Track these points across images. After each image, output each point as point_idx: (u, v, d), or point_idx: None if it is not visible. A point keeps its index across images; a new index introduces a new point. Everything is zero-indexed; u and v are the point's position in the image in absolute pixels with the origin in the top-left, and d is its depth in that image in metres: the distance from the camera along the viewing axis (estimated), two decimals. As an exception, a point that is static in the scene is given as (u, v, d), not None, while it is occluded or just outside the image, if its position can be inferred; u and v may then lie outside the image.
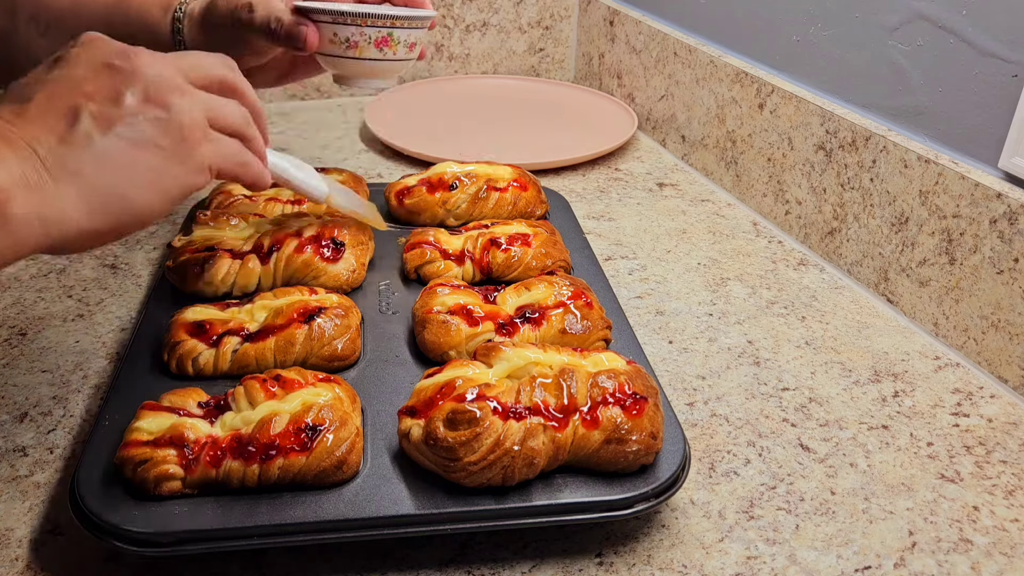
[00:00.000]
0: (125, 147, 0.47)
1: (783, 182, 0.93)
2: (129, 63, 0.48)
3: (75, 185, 0.45)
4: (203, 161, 0.51)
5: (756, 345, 0.73)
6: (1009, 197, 0.66)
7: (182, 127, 0.49)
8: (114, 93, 0.47)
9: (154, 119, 0.48)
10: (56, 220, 0.45)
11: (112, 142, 0.47)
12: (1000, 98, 0.69)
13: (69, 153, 0.45)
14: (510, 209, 0.81)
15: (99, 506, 0.48)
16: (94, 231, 0.47)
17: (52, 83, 0.47)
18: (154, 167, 0.48)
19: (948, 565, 0.52)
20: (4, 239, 0.43)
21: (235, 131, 0.54)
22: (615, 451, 0.51)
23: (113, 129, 0.47)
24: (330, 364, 0.61)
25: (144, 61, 0.49)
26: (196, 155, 0.50)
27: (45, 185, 0.44)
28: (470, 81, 1.35)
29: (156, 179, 0.48)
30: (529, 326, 0.62)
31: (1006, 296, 0.68)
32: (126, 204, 0.47)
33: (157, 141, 0.48)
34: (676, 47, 1.11)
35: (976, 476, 0.59)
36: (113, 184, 0.47)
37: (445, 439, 0.49)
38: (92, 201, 0.46)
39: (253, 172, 0.55)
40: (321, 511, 0.49)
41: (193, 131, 0.50)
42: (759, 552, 0.53)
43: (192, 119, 0.50)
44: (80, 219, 0.46)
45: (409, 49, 0.75)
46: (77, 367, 0.68)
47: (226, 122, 0.53)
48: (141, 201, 0.48)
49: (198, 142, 0.50)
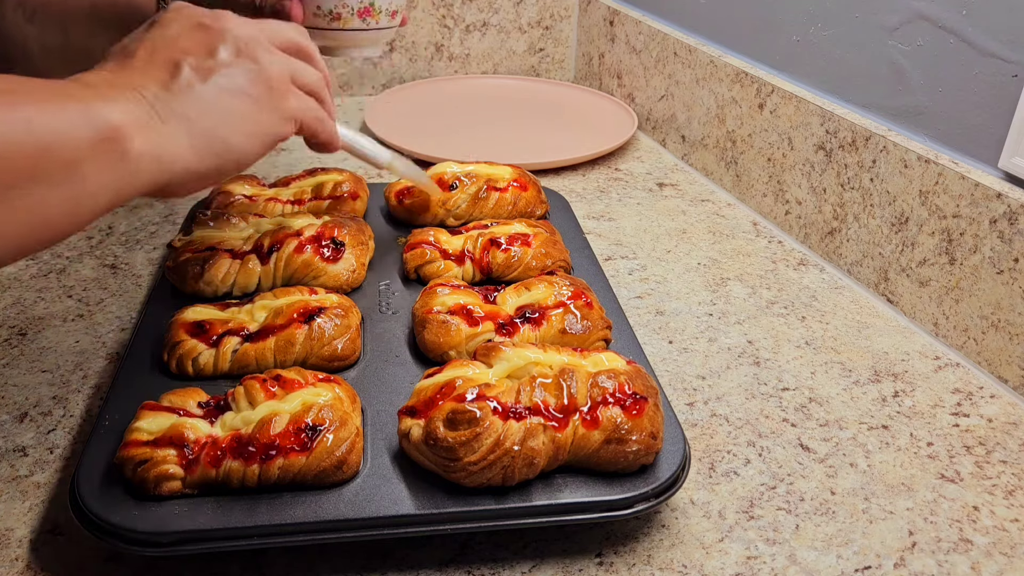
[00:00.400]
0: (223, 95, 0.51)
1: (783, 182, 0.93)
2: (219, 23, 0.52)
3: (183, 127, 0.48)
4: (289, 112, 0.54)
5: (756, 345, 0.73)
6: (1009, 197, 0.66)
7: (270, 79, 0.53)
8: (209, 48, 0.51)
9: (246, 70, 0.52)
10: (169, 159, 0.48)
11: (211, 90, 0.50)
12: (1000, 98, 0.69)
13: (174, 99, 0.48)
14: (510, 209, 0.81)
15: (99, 506, 0.48)
16: (200, 172, 0.50)
17: (151, 41, 0.51)
18: (248, 114, 0.52)
19: (948, 565, 0.52)
20: (124, 175, 0.46)
21: (312, 90, 0.57)
22: (615, 451, 0.51)
23: (211, 78, 0.50)
24: (330, 364, 0.61)
25: (232, 22, 0.53)
26: (283, 105, 0.54)
27: (157, 126, 0.47)
28: (470, 81, 1.35)
29: (251, 125, 0.52)
30: (529, 326, 0.62)
31: (1006, 296, 0.68)
32: (227, 146, 0.51)
33: (250, 90, 0.52)
34: (676, 47, 1.11)
35: (976, 476, 0.59)
36: (215, 128, 0.50)
37: (445, 439, 0.49)
38: (198, 143, 0.49)
39: (328, 129, 0.59)
40: (321, 511, 0.49)
41: (280, 83, 0.54)
42: (759, 552, 0.53)
43: (279, 72, 0.54)
44: (189, 159, 0.49)
45: (391, 17, 0.77)
46: (77, 367, 0.68)
47: (305, 80, 0.56)
48: (239, 144, 0.51)
49: (284, 94, 0.54)
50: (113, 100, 0.46)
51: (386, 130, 1.11)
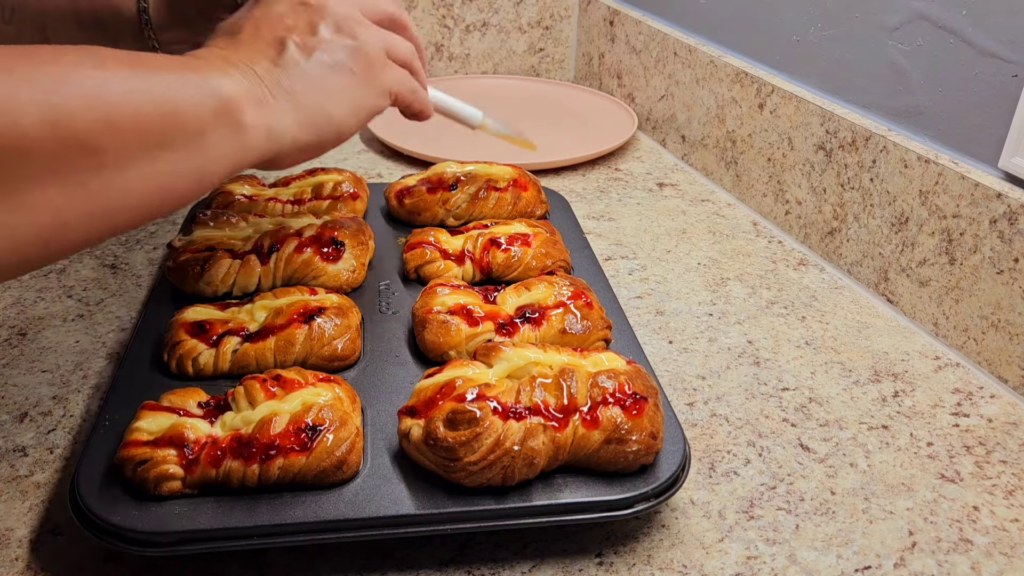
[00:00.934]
0: (325, 71, 0.53)
1: (783, 182, 0.93)
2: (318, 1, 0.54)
3: (290, 102, 0.50)
4: (386, 85, 0.57)
5: (756, 345, 0.73)
6: (1009, 197, 0.66)
7: (368, 55, 0.55)
8: (310, 25, 0.53)
9: (345, 47, 0.54)
10: (278, 132, 0.50)
11: (315, 66, 0.52)
12: (1000, 98, 0.69)
13: (283, 74, 0.51)
14: (510, 209, 0.81)
15: (99, 506, 0.48)
16: (305, 144, 0.52)
17: (256, 19, 0.53)
18: (349, 89, 0.54)
19: (948, 565, 0.52)
20: (237, 146, 0.48)
21: (405, 62, 0.59)
22: (615, 451, 0.51)
23: (314, 55, 0.52)
24: (330, 364, 0.61)
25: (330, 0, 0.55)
26: (381, 79, 0.56)
27: (267, 99, 0.49)
28: (470, 81, 1.35)
29: (351, 99, 0.54)
30: (529, 326, 0.62)
31: (1006, 296, 0.68)
32: (330, 120, 0.53)
33: (350, 66, 0.54)
34: (676, 47, 1.11)
35: (976, 476, 0.59)
36: (320, 102, 0.52)
37: (445, 439, 0.49)
38: (303, 117, 0.51)
39: (421, 99, 0.61)
40: (321, 511, 0.49)
41: (377, 58, 0.56)
42: (759, 552, 0.53)
43: (376, 48, 0.56)
44: (295, 132, 0.51)
45: None
46: (77, 367, 0.68)
47: (398, 53, 0.58)
48: (340, 118, 0.53)
49: (381, 68, 0.56)
50: (228, 74, 0.48)
51: (386, 130, 1.11)
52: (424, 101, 0.62)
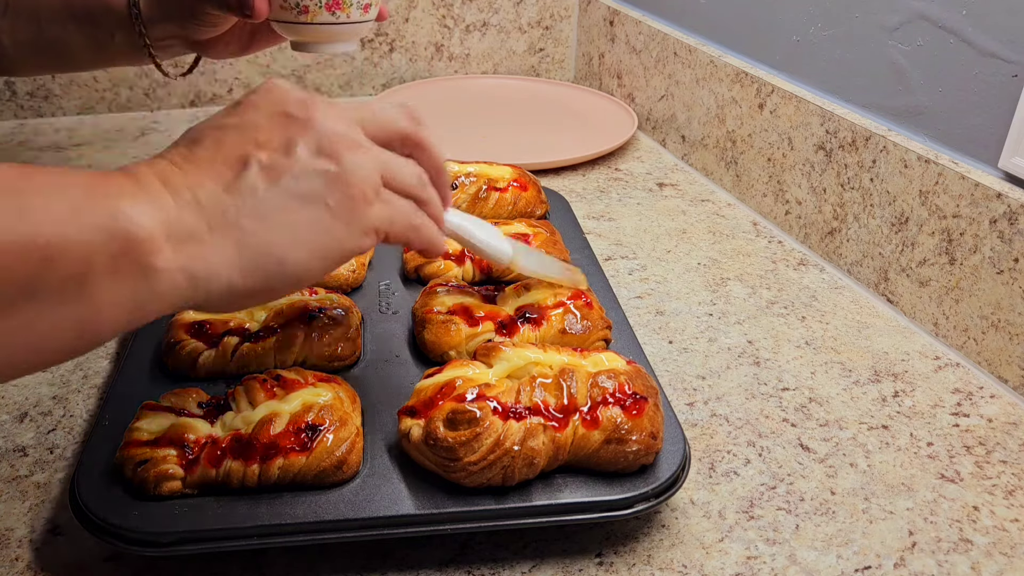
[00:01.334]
0: (290, 202, 0.43)
1: (783, 182, 0.93)
2: (306, 112, 0.45)
3: (232, 238, 0.42)
4: (370, 223, 0.46)
5: (756, 345, 0.73)
6: (1009, 197, 0.66)
7: (351, 185, 0.45)
8: (286, 143, 0.44)
9: (324, 173, 0.44)
10: (205, 276, 0.41)
11: (277, 196, 0.43)
12: (1000, 98, 0.69)
13: (233, 203, 0.42)
14: (510, 209, 0.81)
15: (99, 506, 0.48)
16: (245, 290, 0.43)
17: (223, 128, 0.45)
18: (317, 225, 0.44)
19: (948, 565, 0.52)
20: (145, 292, 0.39)
21: (409, 192, 0.49)
22: (615, 451, 0.51)
23: (280, 181, 0.43)
24: (330, 364, 0.61)
25: (321, 112, 0.46)
26: (364, 216, 0.46)
27: (200, 235, 0.41)
28: (470, 81, 1.35)
29: (317, 238, 0.44)
30: (529, 326, 0.62)
31: (1006, 296, 0.68)
32: (282, 265, 0.44)
33: (325, 198, 0.44)
34: (676, 47, 1.11)
35: (976, 476, 0.59)
36: (271, 241, 0.43)
37: (445, 439, 0.49)
38: (247, 259, 0.42)
39: (425, 237, 0.50)
40: (321, 511, 0.49)
41: (364, 190, 0.45)
42: (759, 552, 0.53)
43: (364, 177, 0.46)
44: (232, 276, 0.42)
45: (364, 11, 0.73)
46: (77, 367, 0.68)
47: (401, 182, 0.49)
48: (297, 262, 0.44)
49: (368, 202, 0.46)
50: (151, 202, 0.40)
51: (386, 130, 1.11)
52: (429, 238, 0.51)
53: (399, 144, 0.50)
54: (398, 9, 1.30)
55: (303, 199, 0.44)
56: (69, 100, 1.20)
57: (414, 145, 0.51)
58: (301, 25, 0.71)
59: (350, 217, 0.45)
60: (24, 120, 1.19)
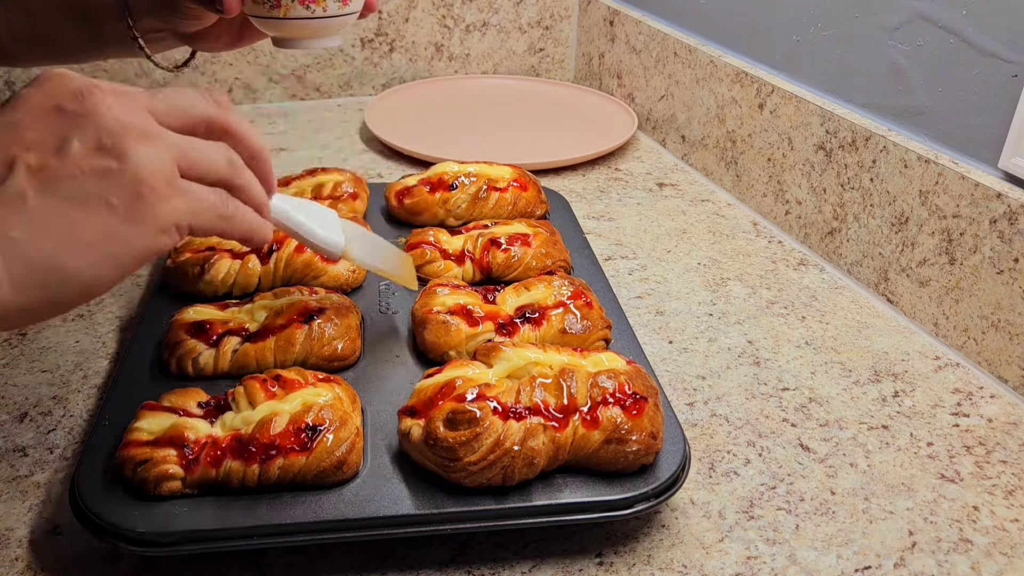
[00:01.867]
0: (65, 207, 0.39)
1: (783, 182, 0.93)
2: (83, 105, 0.40)
3: (1, 253, 0.38)
4: (167, 219, 0.42)
5: (756, 345, 0.73)
6: (1009, 197, 0.66)
7: (139, 180, 0.40)
8: (58, 141, 0.40)
9: (104, 171, 0.40)
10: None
11: (49, 201, 0.39)
12: (1000, 98, 0.69)
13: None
14: (510, 209, 0.81)
15: (99, 506, 0.48)
16: (24, 308, 0.39)
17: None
18: (101, 229, 0.40)
19: (948, 565, 0.52)
20: None
21: (217, 179, 0.45)
22: (615, 451, 0.51)
23: (52, 184, 0.39)
24: (330, 364, 0.61)
25: (101, 102, 0.41)
26: (158, 212, 0.41)
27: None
28: (470, 81, 1.35)
29: (103, 244, 0.40)
30: (529, 326, 0.62)
31: (1006, 296, 0.68)
32: (64, 276, 0.39)
33: (106, 197, 0.40)
34: (676, 47, 1.11)
35: (976, 476, 0.59)
36: (48, 252, 0.39)
37: (445, 439, 0.49)
38: (20, 272, 0.38)
39: (242, 226, 0.46)
40: (321, 511, 0.49)
41: (154, 183, 0.41)
42: (759, 552, 0.53)
43: (153, 169, 0.41)
44: (5, 294, 0.38)
45: (342, 4, 0.70)
46: (77, 367, 0.68)
47: (205, 168, 0.44)
48: (83, 271, 0.40)
49: (162, 197, 0.41)
50: None
51: (386, 130, 1.11)
52: (247, 227, 0.46)
53: (204, 131, 0.46)
54: (398, 9, 1.30)
55: (81, 201, 0.39)
56: (69, 100, 1.20)
57: (222, 131, 0.46)
58: (275, 20, 0.69)
59: (139, 216, 0.41)
60: (24, 120, 1.19)
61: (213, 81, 1.25)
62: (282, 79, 1.28)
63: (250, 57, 1.25)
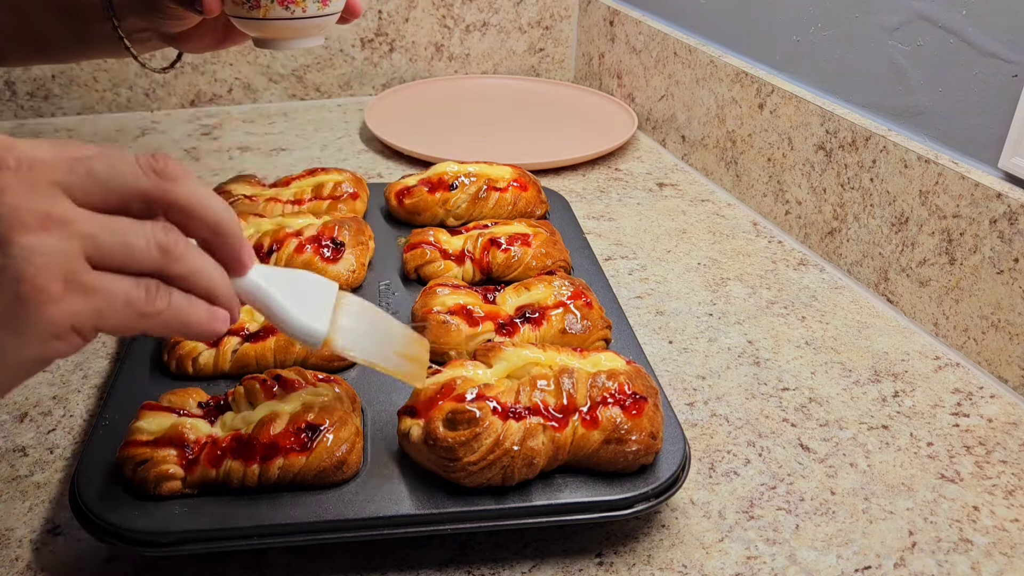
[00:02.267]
0: None
1: (783, 182, 0.93)
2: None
3: None
4: (61, 323, 0.35)
5: (756, 345, 0.73)
6: (1009, 197, 0.66)
7: (19, 280, 0.34)
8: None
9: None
10: None
11: None
12: (1000, 98, 0.69)
13: None
14: (510, 209, 0.81)
15: (99, 506, 0.48)
16: None
17: None
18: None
19: (948, 565, 0.52)
20: None
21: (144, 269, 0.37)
22: (615, 451, 0.51)
23: None
24: (330, 364, 0.61)
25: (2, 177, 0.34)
26: (46, 316, 0.35)
27: None
28: (470, 81, 1.35)
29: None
30: (529, 326, 0.62)
31: (1006, 296, 0.68)
32: None
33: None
34: (676, 47, 1.11)
35: (976, 476, 0.59)
36: None
37: (445, 439, 0.49)
38: None
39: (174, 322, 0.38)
40: (321, 511, 0.49)
41: (41, 282, 0.34)
42: (759, 552, 0.53)
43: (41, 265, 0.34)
44: None
45: (322, 4, 0.70)
46: (77, 367, 0.68)
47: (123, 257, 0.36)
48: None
49: (52, 298, 0.34)
50: None
51: (386, 130, 1.11)
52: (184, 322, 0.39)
53: (141, 207, 0.38)
54: (398, 9, 1.30)
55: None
56: (69, 100, 1.20)
57: (164, 206, 0.38)
58: (255, 21, 0.69)
59: (21, 321, 0.34)
60: (24, 120, 1.19)
61: (213, 81, 1.25)
62: (282, 79, 1.28)
63: (250, 57, 1.25)
